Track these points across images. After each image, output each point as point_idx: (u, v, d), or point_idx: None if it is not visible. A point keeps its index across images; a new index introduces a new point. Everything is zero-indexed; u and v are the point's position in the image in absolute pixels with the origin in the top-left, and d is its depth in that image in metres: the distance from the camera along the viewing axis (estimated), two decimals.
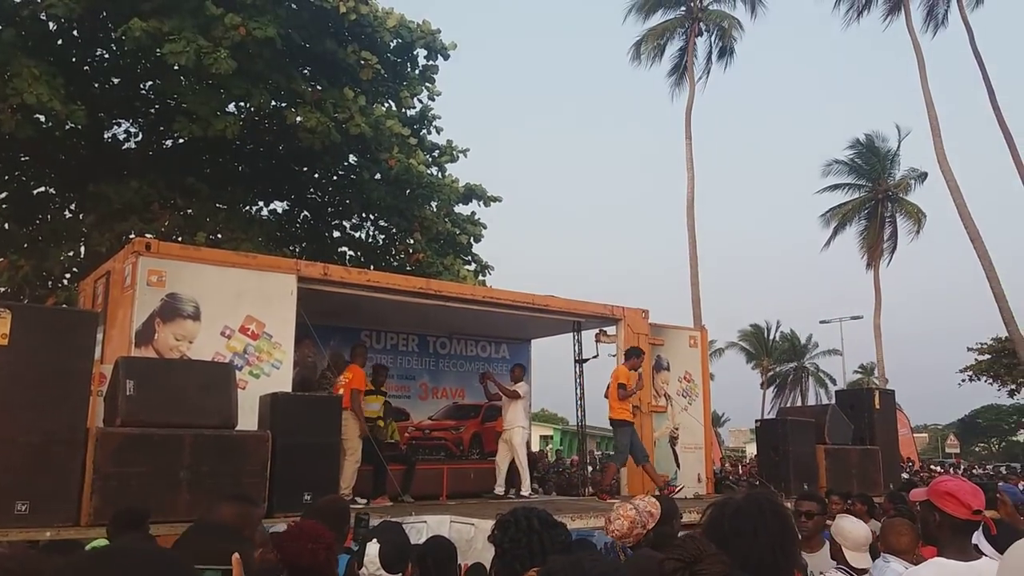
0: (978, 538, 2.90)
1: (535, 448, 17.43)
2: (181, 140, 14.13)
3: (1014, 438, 55.44)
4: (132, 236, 11.81)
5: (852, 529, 3.88)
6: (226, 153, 15.17)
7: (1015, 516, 4.50)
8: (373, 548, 2.77)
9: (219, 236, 14.32)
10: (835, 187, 37.50)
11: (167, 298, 6.95)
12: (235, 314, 7.28)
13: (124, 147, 15.03)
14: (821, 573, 3.79)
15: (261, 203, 16.81)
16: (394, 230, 16.69)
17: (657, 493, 8.77)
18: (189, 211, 14.84)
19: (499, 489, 9.45)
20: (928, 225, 34.88)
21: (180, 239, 13.31)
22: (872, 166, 36.51)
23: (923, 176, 34.35)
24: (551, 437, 33.29)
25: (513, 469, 9.50)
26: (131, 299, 6.84)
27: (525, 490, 9.17)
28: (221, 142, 13.02)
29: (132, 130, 15.18)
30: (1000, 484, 6.23)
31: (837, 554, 3.87)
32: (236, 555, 1.47)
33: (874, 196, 36.59)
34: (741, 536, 2.06)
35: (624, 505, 3.75)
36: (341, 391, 7.99)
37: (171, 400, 5.60)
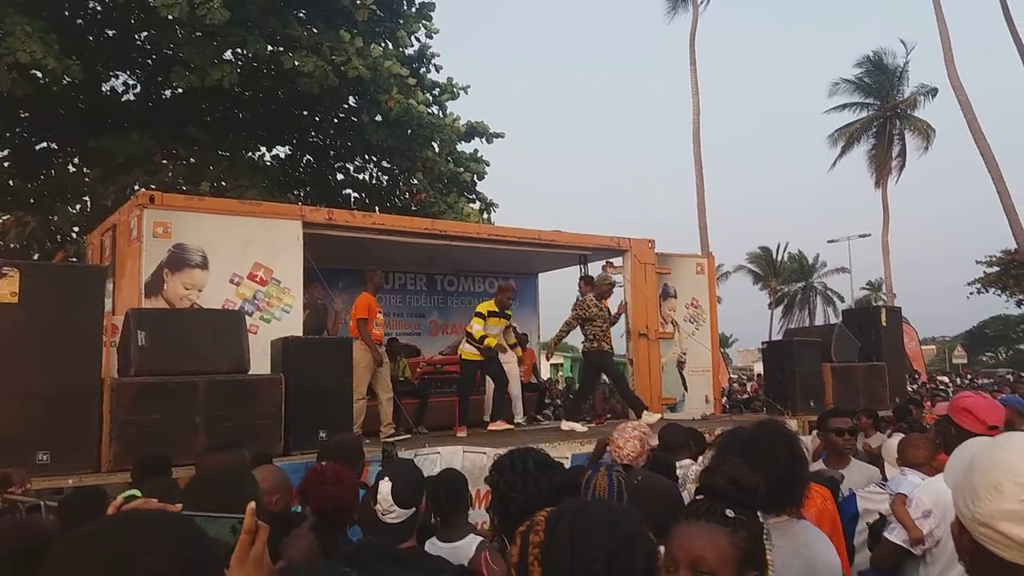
0: None
1: (545, 376, 17.63)
2: (180, 90, 13.97)
3: (1021, 347, 55.61)
4: (136, 188, 11.85)
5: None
6: (225, 101, 15.01)
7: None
8: (385, 486, 2.84)
9: (223, 184, 14.31)
10: (843, 107, 36.97)
11: (174, 249, 7.00)
12: (243, 262, 7.35)
13: (123, 99, 14.89)
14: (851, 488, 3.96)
15: (263, 149, 16.71)
16: (397, 171, 16.60)
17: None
18: (192, 160, 14.79)
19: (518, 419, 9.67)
20: (937, 142, 34.37)
21: (184, 189, 13.32)
22: (880, 84, 35.84)
23: (933, 92, 33.68)
24: (561, 365, 33.64)
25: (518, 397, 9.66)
26: (138, 251, 6.90)
27: (519, 418, 9.27)
28: (220, 90, 12.87)
29: (130, 82, 15.04)
30: (1001, 396, 6.32)
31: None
32: (252, 504, 1.47)
33: (882, 114, 36.02)
34: (750, 467, 2.11)
35: (626, 427, 3.86)
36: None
37: (183, 348, 5.70)
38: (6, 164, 14.09)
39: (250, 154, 16.21)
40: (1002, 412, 3.01)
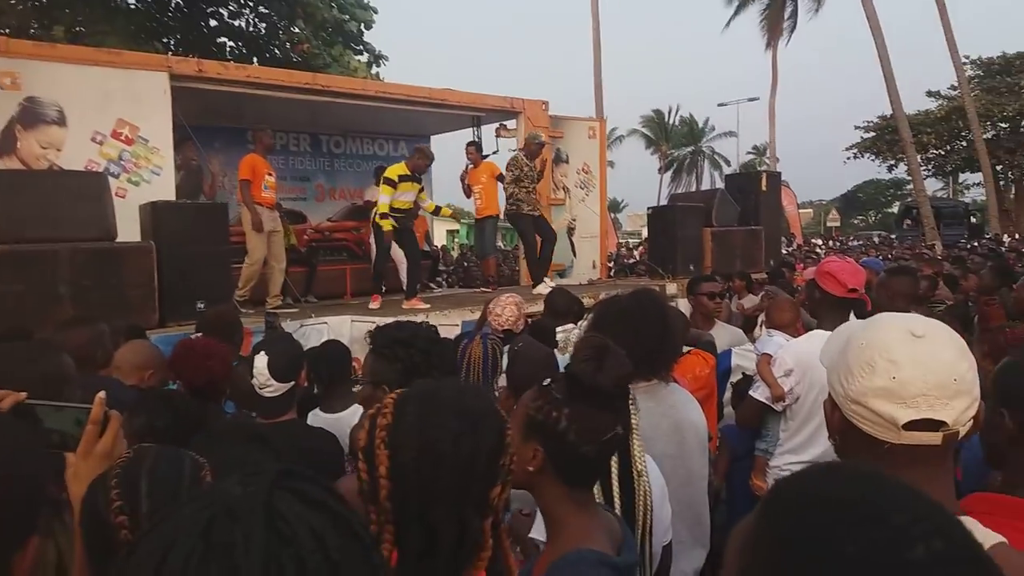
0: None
1: (439, 243, 17.57)
2: None
3: (889, 210, 59.35)
4: None
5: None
6: None
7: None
8: (261, 360, 2.78)
9: (80, 30, 12.98)
10: None
11: (25, 102, 6.41)
12: (105, 118, 6.79)
13: None
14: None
15: None
16: (275, 17, 15.49)
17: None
18: (43, 0, 13.28)
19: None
20: (828, 5, 34.80)
21: (35, 34, 12.03)
22: None
23: None
24: (457, 232, 33.62)
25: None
26: None
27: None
28: None
29: None
30: (863, 259, 6.72)
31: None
32: (101, 394, 1.40)
33: None
34: (624, 335, 2.12)
35: (501, 296, 3.90)
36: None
37: (42, 214, 5.28)
38: None
39: None
40: (863, 276, 3.15)
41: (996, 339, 3.32)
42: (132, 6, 15.15)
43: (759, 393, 3.13)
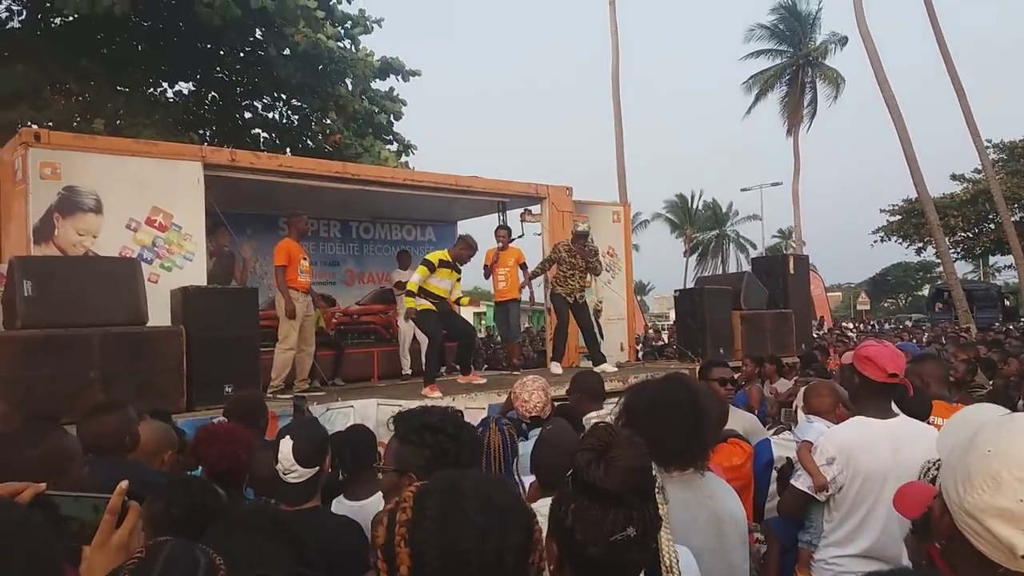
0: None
1: None
2: (70, 18, 12.97)
3: (919, 293, 58.75)
4: (23, 125, 11.02)
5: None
6: (122, 32, 14.05)
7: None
8: (286, 444, 2.74)
9: (120, 122, 13.49)
10: (758, 53, 37.57)
11: (64, 191, 6.58)
12: (140, 205, 6.95)
13: (7, 27, 13.75)
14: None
15: (165, 84, 15.82)
16: (308, 110, 16.00)
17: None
18: (86, 95, 13.86)
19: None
20: (848, 91, 35.43)
21: (78, 127, 12.50)
22: (793, 30, 36.56)
23: (843, 40, 34.53)
24: (484, 314, 33.71)
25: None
26: (24, 193, 6.45)
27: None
28: (113, 20, 12.01)
29: (15, 8, 13.86)
30: (898, 343, 6.57)
31: None
32: (123, 483, 1.37)
33: (795, 61, 36.77)
34: (657, 425, 2.10)
35: (526, 380, 3.83)
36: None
37: (74, 299, 5.35)
38: None
39: (150, 90, 15.32)
40: (902, 360, 3.05)
41: None
42: (171, 99, 15.78)
43: (800, 482, 3.00)
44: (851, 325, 29.19)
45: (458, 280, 7.78)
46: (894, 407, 3.03)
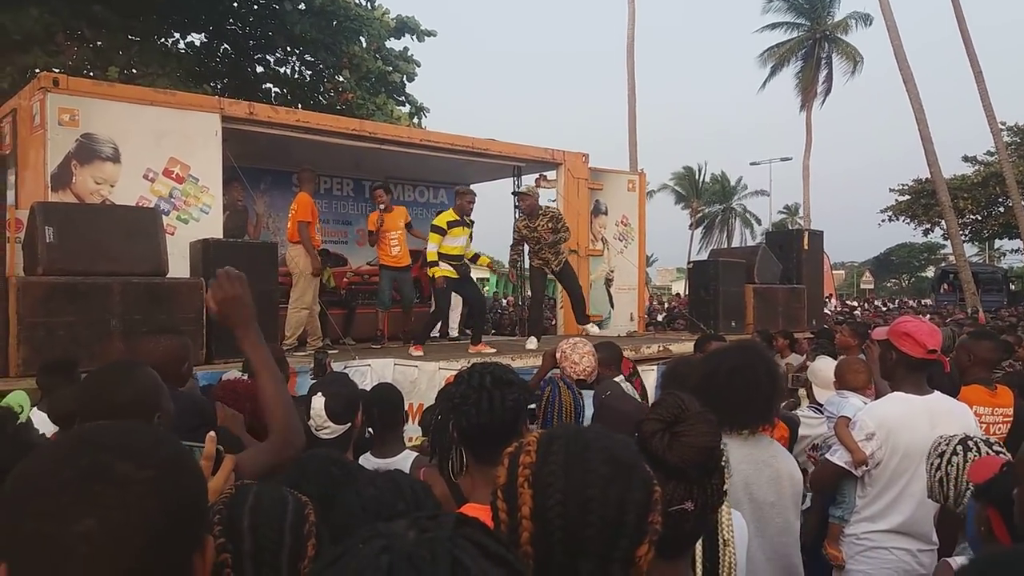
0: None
1: None
2: None
3: (923, 274, 58.67)
4: (37, 71, 10.89)
5: (824, 368, 4.33)
6: None
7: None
8: (319, 401, 2.72)
9: (133, 71, 13.34)
10: (774, 26, 37.04)
11: (82, 139, 6.52)
12: (157, 156, 6.90)
13: None
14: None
15: (177, 35, 15.63)
16: (321, 66, 15.81)
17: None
18: (99, 43, 13.67)
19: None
20: (865, 69, 34.97)
21: (91, 74, 12.35)
22: (812, 4, 35.98)
23: (867, 18, 33.97)
24: (487, 279, 33.70)
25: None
26: (42, 140, 6.40)
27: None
28: None
29: None
30: None
31: None
32: (211, 433, 1.38)
33: (812, 35, 36.30)
34: (737, 391, 2.23)
35: (577, 343, 3.80)
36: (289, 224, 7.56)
37: (95, 247, 5.32)
38: None
39: (162, 40, 15.13)
40: (940, 336, 3.03)
41: None
42: (183, 50, 15.59)
43: (837, 457, 2.98)
44: (854, 303, 29.20)
45: (471, 234, 7.80)
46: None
